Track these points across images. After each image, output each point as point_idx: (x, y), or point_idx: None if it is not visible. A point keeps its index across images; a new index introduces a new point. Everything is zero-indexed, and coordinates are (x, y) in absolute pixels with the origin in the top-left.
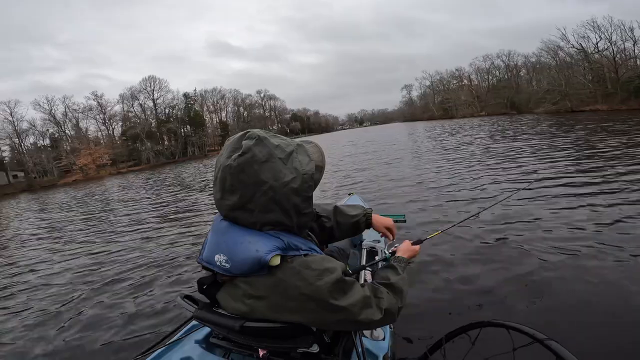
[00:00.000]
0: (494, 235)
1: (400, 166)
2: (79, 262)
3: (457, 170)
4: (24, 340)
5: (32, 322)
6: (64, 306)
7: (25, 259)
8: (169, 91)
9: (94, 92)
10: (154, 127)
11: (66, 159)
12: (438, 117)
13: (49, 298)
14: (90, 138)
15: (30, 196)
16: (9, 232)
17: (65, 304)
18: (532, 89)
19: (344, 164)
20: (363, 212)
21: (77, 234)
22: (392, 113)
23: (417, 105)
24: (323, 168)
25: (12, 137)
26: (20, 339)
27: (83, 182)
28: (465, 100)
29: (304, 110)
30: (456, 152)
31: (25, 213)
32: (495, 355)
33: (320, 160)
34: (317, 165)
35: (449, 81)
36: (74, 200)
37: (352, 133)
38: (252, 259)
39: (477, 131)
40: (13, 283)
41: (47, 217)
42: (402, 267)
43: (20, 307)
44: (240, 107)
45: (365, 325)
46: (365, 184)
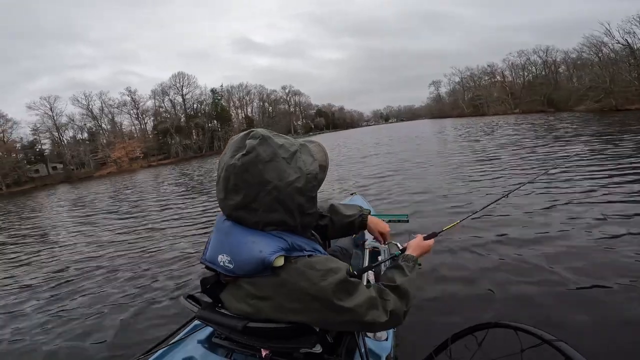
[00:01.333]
0: (507, 234)
1: (429, 176)
2: (82, 259)
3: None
4: (25, 339)
5: (33, 321)
6: (66, 304)
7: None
8: (197, 87)
9: (128, 87)
10: (183, 121)
11: (102, 152)
12: (468, 114)
13: (49, 297)
14: (125, 132)
15: (68, 187)
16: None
17: (67, 302)
18: (573, 86)
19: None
20: (359, 213)
21: (95, 230)
22: (419, 109)
23: (445, 101)
24: (326, 168)
25: (52, 130)
26: (21, 337)
27: (117, 174)
28: (498, 97)
29: (329, 105)
30: (502, 158)
31: (52, 205)
32: (502, 356)
33: (324, 160)
34: (321, 164)
35: (480, 77)
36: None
37: (377, 130)
38: (256, 260)
39: (517, 130)
40: (14, 279)
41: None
42: (410, 267)
43: (21, 306)
44: (265, 102)
45: (369, 328)
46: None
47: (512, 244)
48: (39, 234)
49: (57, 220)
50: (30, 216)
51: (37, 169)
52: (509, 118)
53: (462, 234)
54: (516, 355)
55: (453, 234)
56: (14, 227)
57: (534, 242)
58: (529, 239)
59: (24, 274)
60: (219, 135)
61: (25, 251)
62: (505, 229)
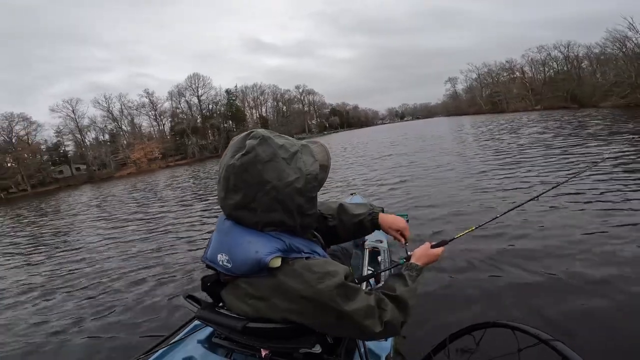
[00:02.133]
0: (506, 238)
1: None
2: (85, 259)
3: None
4: (25, 338)
5: (34, 320)
6: (67, 303)
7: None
8: (212, 88)
9: (146, 89)
10: (199, 122)
11: (122, 153)
12: (486, 111)
13: (49, 297)
14: (144, 133)
15: (90, 187)
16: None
17: (68, 300)
18: (597, 82)
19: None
20: (368, 211)
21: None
22: (435, 107)
23: (462, 98)
24: (328, 168)
25: (75, 132)
26: (22, 336)
27: (136, 174)
28: (518, 94)
29: (343, 104)
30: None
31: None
32: (499, 356)
33: (325, 160)
34: (322, 165)
35: (499, 73)
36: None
37: (392, 128)
38: (252, 260)
39: (545, 127)
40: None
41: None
42: (413, 277)
43: (20, 305)
44: (279, 102)
45: (364, 335)
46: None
47: (517, 249)
48: (49, 234)
49: (71, 221)
50: (43, 216)
51: (61, 170)
52: (531, 115)
53: (467, 237)
54: (513, 354)
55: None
56: (17, 230)
57: (539, 248)
58: (534, 243)
59: (24, 274)
60: (234, 135)
61: (28, 252)
62: (512, 233)
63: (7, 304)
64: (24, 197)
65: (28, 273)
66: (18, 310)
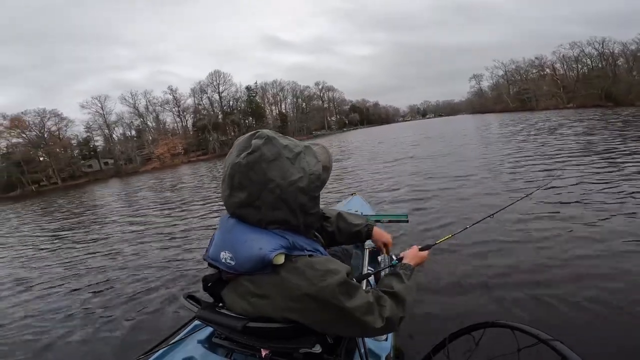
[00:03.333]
0: (503, 237)
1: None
2: (87, 258)
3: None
4: (26, 337)
5: (34, 320)
6: (67, 302)
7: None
8: (233, 84)
9: (170, 86)
10: (220, 118)
11: (147, 149)
12: (513, 109)
13: (49, 295)
14: (168, 129)
15: (118, 181)
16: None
17: (69, 300)
18: (633, 79)
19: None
20: (365, 224)
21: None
22: (458, 104)
23: (488, 96)
24: (330, 169)
25: (103, 128)
26: (22, 336)
27: (160, 169)
28: (548, 91)
29: (363, 101)
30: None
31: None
32: (499, 356)
33: (327, 161)
34: (324, 166)
35: (527, 70)
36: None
37: (413, 126)
38: (256, 257)
39: (587, 127)
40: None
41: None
42: (408, 275)
43: (22, 304)
44: (299, 98)
45: (365, 331)
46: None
47: (512, 247)
48: (66, 229)
49: (91, 216)
50: (63, 210)
51: (90, 164)
52: (563, 113)
53: (465, 237)
54: (513, 354)
55: (456, 237)
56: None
57: (534, 244)
58: (537, 246)
59: (24, 271)
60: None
61: (38, 245)
62: (515, 234)
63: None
64: (54, 190)
65: (31, 267)
66: (14, 308)
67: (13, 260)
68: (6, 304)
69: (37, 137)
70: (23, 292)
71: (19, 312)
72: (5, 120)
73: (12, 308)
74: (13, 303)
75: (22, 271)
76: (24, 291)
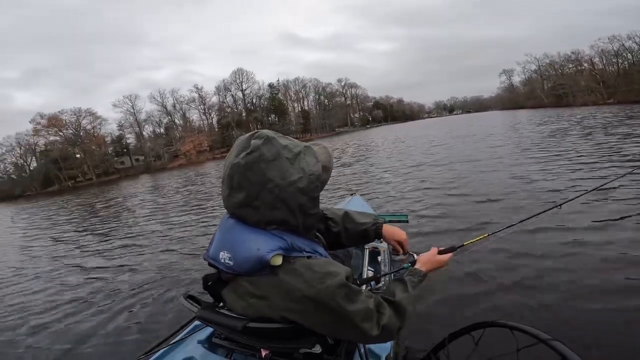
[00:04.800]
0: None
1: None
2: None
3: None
4: (21, 339)
5: (34, 320)
6: (68, 303)
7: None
8: (255, 82)
9: (196, 85)
10: (243, 116)
11: (175, 146)
12: (548, 105)
13: (50, 295)
14: (194, 127)
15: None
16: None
17: (70, 301)
18: None
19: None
20: (373, 222)
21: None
22: (488, 100)
23: (519, 91)
24: (330, 169)
25: (134, 126)
26: (21, 335)
27: (186, 166)
28: (586, 86)
29: (387, 97)
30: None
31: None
32: (499, 356)
33: (328, 161)
34: (324, 166)
35: (563, 65)
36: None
37: (439, 123)
38: (254, 258)
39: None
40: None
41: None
42: (414, 283)
43: (22, 304)
44: (321, 95)
45: (361, 338)
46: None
47: (513, 249)
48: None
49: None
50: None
51: (122, 160)
52: (605, 109)
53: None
54: (512, 354)
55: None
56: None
57: (534, 246)
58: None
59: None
60: (276, 128)
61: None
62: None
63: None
64: (89, 186)
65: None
66: (17, 307)
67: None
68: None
69: (74, 135)
70: (26, 282)
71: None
72: (43, 119)
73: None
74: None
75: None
76: (28, 280)
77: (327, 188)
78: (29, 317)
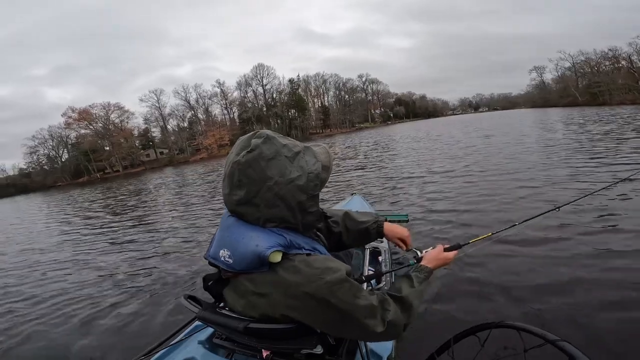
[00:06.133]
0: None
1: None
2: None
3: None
4: (20, 339)
5: (32, 319)
6: (67, 303)
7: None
8: (275, 77)
9: (218, 80)
10: (264, 111)
11: (197, 140)
12: (582, 103)
13: (50, 296)
14: (217, 121)
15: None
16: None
17: (69, 302)
18: None
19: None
20: (374, 220)
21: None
22: (516, 98)
23: (551, 89)
24: (329, 168)
25: (159, 120)
26: (19, 336)
27: (207, 159)
28: (624, 84)
29: (409, 94)
30: None
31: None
32: (505, 357)
33: (327, 161)
34: (324, 165)
35: (599, 62)
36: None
37: (464, 120)
38: (252, 254)
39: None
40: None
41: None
42: (421, 279)
43: (22, 304)
44: (341, 91)
45: (366, 335)
46: None
47: (517, 248)
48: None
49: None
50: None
51: (147, 153)
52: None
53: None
54: (519, 355)
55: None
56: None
57: (539, 245)
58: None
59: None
60: (295, 123)
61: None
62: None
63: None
64: (116, 177)
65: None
66: (16, 307)
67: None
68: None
69: (103, 128)
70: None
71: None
72: (74, 112)
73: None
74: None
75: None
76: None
77: (342, 190)
78: (27, 315)
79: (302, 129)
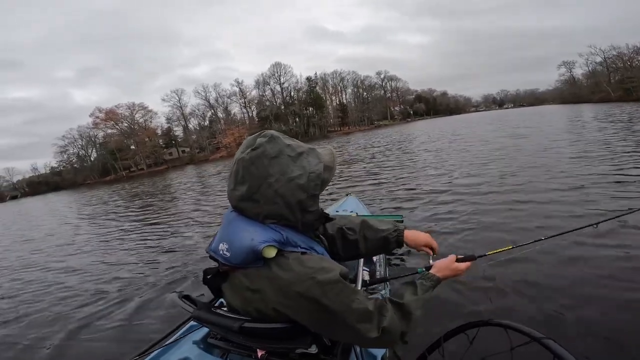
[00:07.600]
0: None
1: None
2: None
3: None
4: (19, 338)
5: (31, 320)
6: (62, 299)
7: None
8: (293, 75)
9: (237, 79)
10: (282, 109)
11: (217, 138)
12: (615, 99)
13: (49, 296)
14: (236, 120)
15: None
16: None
17: (66, 301)
18: None
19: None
20: (394, 228)
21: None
22: (544, 94)
23: (582, 84)
24: (332, 169)
25: (180, 119)
26: (18, 336)
27: (227, 157)
28: None
29: (430, 90)
30: None
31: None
32: (493, 354)
33: (330, 162)
34: (327, 166)
35: (632, 57)
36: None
37: (486, 118)
38: (247, 248)
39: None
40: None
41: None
42: (425, 288)
43: (21, 306)
44: (359, 88)
45: (359, 340)
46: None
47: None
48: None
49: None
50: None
51: (170, 152)
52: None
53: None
54: (507, 353)
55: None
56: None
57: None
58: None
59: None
60: (313, 121)
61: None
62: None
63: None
64: (141, 175)
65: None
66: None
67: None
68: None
69: (128, 128)
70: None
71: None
72: (101, 112)
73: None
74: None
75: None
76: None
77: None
78: (19, 312)
79: (320, 127)
